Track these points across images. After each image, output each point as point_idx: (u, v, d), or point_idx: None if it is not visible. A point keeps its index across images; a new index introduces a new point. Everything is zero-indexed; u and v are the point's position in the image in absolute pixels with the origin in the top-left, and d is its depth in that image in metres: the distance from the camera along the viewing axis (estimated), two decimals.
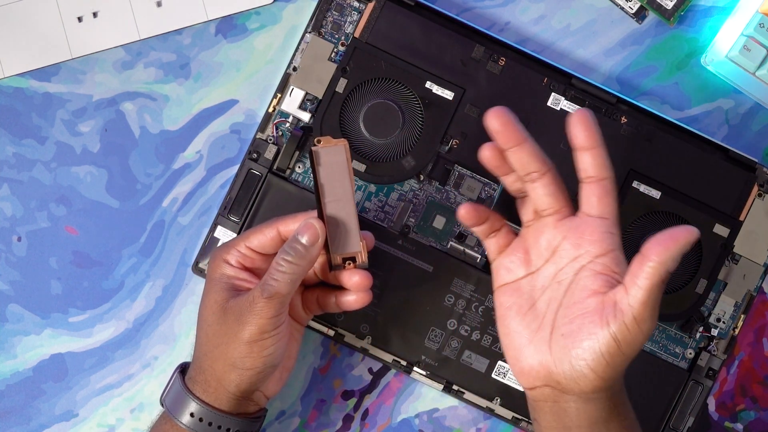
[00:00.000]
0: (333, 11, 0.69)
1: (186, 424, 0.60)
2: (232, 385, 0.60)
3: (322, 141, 0.60)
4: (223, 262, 0.61)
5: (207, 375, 0.60)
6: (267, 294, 0.58)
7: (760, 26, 0.67)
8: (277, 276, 0.58)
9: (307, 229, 0.59)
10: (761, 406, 0.71)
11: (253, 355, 0.59)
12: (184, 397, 0.60)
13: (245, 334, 0.58)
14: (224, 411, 0.60)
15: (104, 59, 0.70)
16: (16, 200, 0.70)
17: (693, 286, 0.69)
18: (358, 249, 0.60)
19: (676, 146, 0.69)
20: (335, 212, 0.60)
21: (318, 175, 0.60)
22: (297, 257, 0.58)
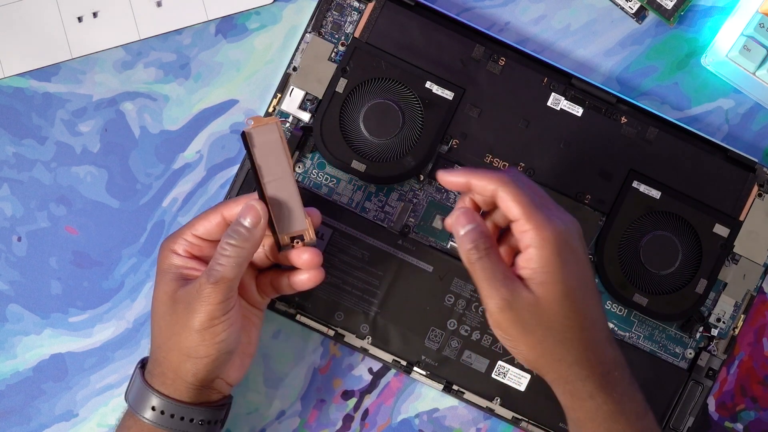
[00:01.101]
0: (333, 11, 0.69)
1: (149, 419, 0.60)
2: (188, 375, 0.59)
3: (253, 121, 0.59)
4: (170, 252, 0.61)
5: (163, 367, 0.60)
6: (213, 279, 0.57)
7: (760, 26, 0.67)
8: (222, 261, 0.58)
9: (248, 210, 0.58)
10: (761, 406, 0.71)
11: (206, 343, 0.58)
12: (144, 392, 0.60)
13: (195, 322, 0.58)
14: (185, 402, 0.60)
15: (104, 59, 0.70)
16: (16, 200, 0.70)
17: (693, 286, 0.69)
18: (304, 227, 0.60)
19: (676, 146, 0.69)
20: (276, 192, 0.59)
21: (254, 156, 0.59)
22: (240, 240, 0.58)
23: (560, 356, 0.56)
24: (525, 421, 0.69)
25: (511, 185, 0.56)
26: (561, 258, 0.55)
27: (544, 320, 0.55)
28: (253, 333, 0.64)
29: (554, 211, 0.57)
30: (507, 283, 0.55)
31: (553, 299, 0.55)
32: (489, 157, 0.69)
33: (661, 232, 0.69)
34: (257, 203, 0.59)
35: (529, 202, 0.55)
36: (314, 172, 0.69)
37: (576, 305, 0.55)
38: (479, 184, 0.57)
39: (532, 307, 0.55)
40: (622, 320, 0.69)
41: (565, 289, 0.55)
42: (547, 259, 0.55)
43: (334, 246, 0.68)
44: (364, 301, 0.68)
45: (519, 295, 0.55)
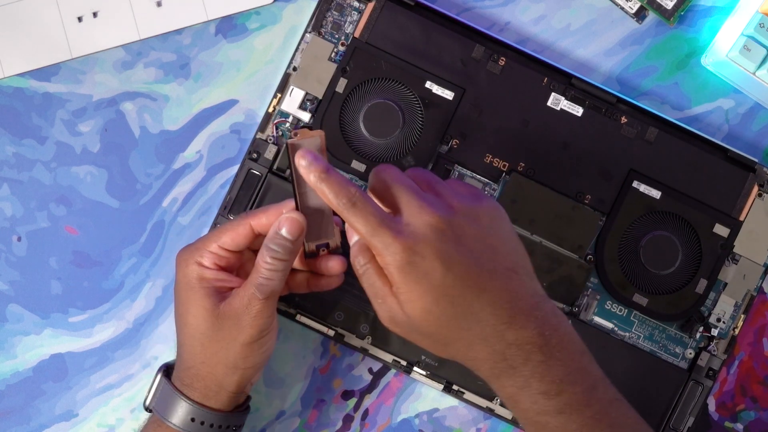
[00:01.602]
0: (333, 11, 0.69)
1: (181, 426, 0.60)
2: (233, 386, 0.60)
3: (299, 134, 0.59)
4: (197, 266, 0.60)
5: (207, 381, 0.60)
6: (264, 294, 0.58)
7: (760, 26, 0.67)
8: (268, 275, 0.58)
9: (290, 223, 0.58)
10: (761, 406, 0.71)
11: (254, 354, 0.59)
12: (176, 401, 0.60)
13: (246, 336, 0.58)
14: (223, 410, 0.61)
15: (104, 59, 0.70)
16: (16, 200, 0.70)
17: (693, 286, 0.69)
18: (332, 235, 0.61)
19: (676, 146, 0.69)
20: (311, 202, 0.60)
21: (294, 167, 0.59)
22: (284, 252, 0.58)
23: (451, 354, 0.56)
24: None
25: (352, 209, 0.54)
26: (410, 276, 0.53)
27: (422, 332, 0.55)
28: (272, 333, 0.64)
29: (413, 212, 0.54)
30: (386, 300, 0.55)
31: (419, 314, 0.54)
32: (489, 157, 0.69)
33: (661, 232, 0.69)
34: (298, 215, 0.59)
35: (371, 227, 0.53)
36: None
37: (444, 315, 0.54)
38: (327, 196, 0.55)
39: (407, 322, 0.55)
40: (622, 320, 0.69)
41: (424, 304, 0.53)
42: (399, 280, 0.53)
43: None
44: (364, 301, 0.68)
45: (394, 312, 0.55)
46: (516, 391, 0.55)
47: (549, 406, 0.54)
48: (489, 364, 0.55)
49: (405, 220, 0.54)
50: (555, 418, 0.54)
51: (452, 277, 0.53)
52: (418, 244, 0.53)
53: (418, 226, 0.54)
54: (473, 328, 0.54)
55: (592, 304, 0.69)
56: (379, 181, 0.57)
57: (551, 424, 0.54)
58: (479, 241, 0.55)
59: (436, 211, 0.54)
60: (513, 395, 0.55)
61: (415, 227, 0.54)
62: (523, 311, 0.54)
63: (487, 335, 0.54)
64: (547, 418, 0.54)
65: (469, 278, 0.54)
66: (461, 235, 0.54)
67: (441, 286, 0.53)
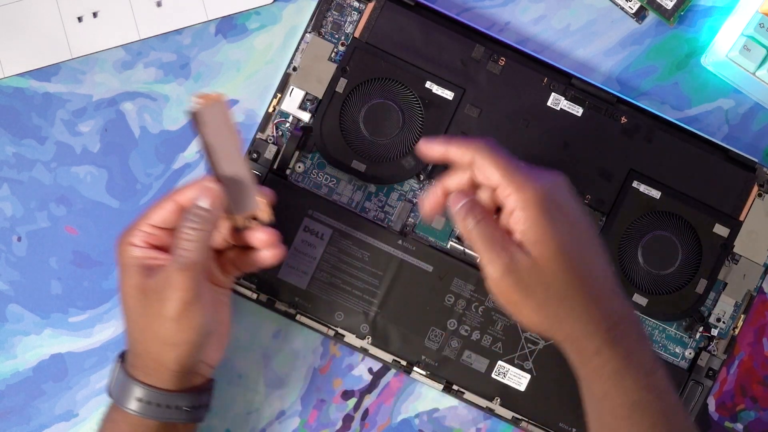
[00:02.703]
0: (333, 11, 0.69)
1: (135, 410, 0.60)
2: (171, 363, 0.59)
3: (199, 99, 0.58)
4: (129, 246, 0.60)
5: (144, 358, 0.60)
6: (181, 266, 0.57)
7: (760, 26, 0.67)
8: (186, 246, 0.58)
9: (205, 192, 0.58)
10: (761, 406, 0.71)
11: (184, 329, 0.58)
12: (128, 384, 0.60)
13: (169, 310, 0.58)
14: (170, 390, 0.60)
15: (104, 59, 0.70)
16: (16, 200, 0.70)
17: (693, 286, 0.69)
18: (258, 205, 0.60)
19: (676, 146, 0.69)
20: (228, 171, 0.59)
21: (204, 136, 0.59)
22: (201, 222, 0.58)
23: (564, 314, 0.55)
24: (525, 421, 0.69)
25: (487, 151, 0.56)
26: (548, 215, 0.54)
27: (543, 280, 0.55)
28: (224, 312, 0.64)
29: (535, 171, 0.56)
30: (505, 247, 0.55)
31: (549, 257, 0.54)
32: None
33: (661, 232, 0.69)
34: (213, 183, 0.59)
35: (507, 165, 0.55)
36: (314, 172, 0.69)
37: (572, 260, 0.55)
38: (457, 153, 0.57)
39: (530, 269, 0.55)
40: None
41: (558, 244, 0.54)
42: (534, 218, 0.54)
43: (334, 246, 0.68)
44: (364, 301, 0.68)
45: (516, 258, 0.55)
46: (621, 363, 0.55)
47: (649, 383, 0.56)
48: (603, 328, 0.55)
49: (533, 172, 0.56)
50: (651, 398, 0.55)
51: (582, 227, 0.56)
52: (554, 187, 0.56)
53: (549, 176, 0.56)
54: (595, 285, 0.55)
55: None
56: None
57: (648, 403, 0.55)
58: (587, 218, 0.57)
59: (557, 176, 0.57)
60: (618, 369, 0.55)
61: (547, 176, 0.56)
62: (622, 291, 0.57)
63: (602, 298, 0.55)
64: (645, 396, 0.55)
65: (591, 236, 0.56)
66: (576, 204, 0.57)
67: (573, 232, 0.55)
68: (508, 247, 0.55)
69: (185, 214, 0.58)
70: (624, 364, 0.55)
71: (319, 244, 0.68)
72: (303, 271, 0.68)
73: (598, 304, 0.55)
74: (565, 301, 0.55)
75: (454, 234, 0.69)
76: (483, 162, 0.56)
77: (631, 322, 0.56)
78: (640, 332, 0.57)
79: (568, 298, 0.55)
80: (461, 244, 0.69)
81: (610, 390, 0.56)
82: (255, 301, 0.68)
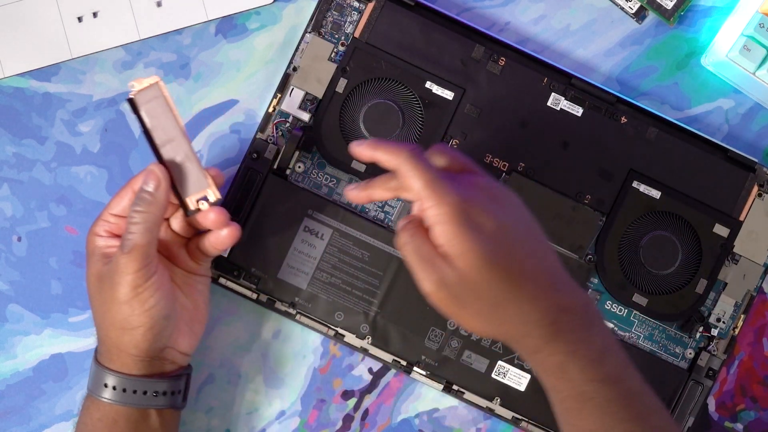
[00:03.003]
0: (333, 11, 0.69)
1: (107, 398, 0.60)
2: (130, 347, 0.60)
3: (135, 85, 0.59)
4: (94, 236, 0.62)
5: (107, 345, 0.61)
6: (126, 249, 0.58)
7: (760, 26, 0.67)
8: (132, 229, 0.58)
9: (148, 175, 0.59)
10: (761, 406, 0.71)
11: (136, 313, 0.59)
12: (98, 372, 0.61)
13: (120, 294, 0.59)
14: (135, 375, 0.61)
15: (104, 59, 0.70)
16: (16, 200, 0.70)
17: (693, 286, 0.69)
18: (206, 186, 0.60)
19: (676, 146, 0.69)
20: (172, 154, 0.60)
21: (143, 122, 0.59)
22: (145, 205, 0.59)
23: (500, 319, 0.55)
24: (525, 421, 0.69)
25: (410, 160, 0.55)
26: (466, 227, 0.54)
27: (473, 291, 0.55)
28: (199, 299, 0.65)
29: (456, 180, 0.55)
30: (433, 262, 0.55)
31: (473, 269, 0.54)
32: (489, 157, 0.69)
33: (661, 232, 0.69)
34: (156, 166, 0.59)
35: (427, 176, 0.54)
36: (314, 172, 0.69)
37: (498, 267, 0.54)
38: (382, 158, 0.56)
39: (458, 282, 0.54)
40: (622, 320, 0.69)
41: (480, 255, 0.54)
42: (453, 232, 0.54)
43: (334, 246, 0.68)
44: (364, 301, 0.68)
45: (444, 273, 0.54)
46: (564, 358, 0.55)
47: (595, 374, 0.55)
48: (540, 326, 0.55)
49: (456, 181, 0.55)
50: (601, 387, 0.55)
51: (504, 232, 0.55)
52: (471, 198, 0.55)
53: (468, 186, 0.55)
54: (526, 286, 0.55)
55: None
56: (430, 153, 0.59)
57: (597, 393, 0.55)
58: (519, 214, 0.57)
59: (482, 178, 0.57)
60: (561, 363, 0.55)
61: (466, 186, 0.55)
62: (566, 280, 0.56)
63: (537, 296, 0.55)
64: (593, 387, 0.55)
65: (517, 238, 0.55)
66: (504, 204, 0.56)
67: (494, 239, 0.54)
68: (436, 263, 0.54)
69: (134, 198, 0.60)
70: (568, 358, 0.55)
71: (319, 244, 0.68)
72: (303, 271, 0.68)
73: (533, 303, 0.55)
74: (498, 308, 0.55)
75: None
76: (405, 171, 0.55)
77: (575, 313, 0.55)
78: (589, 321, 0.56)
79: (500, 304, 0.55)
80: None
81: (557, 384, 0.56)
82: (255, 301, 0.68)
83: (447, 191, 0.54)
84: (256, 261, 0.68)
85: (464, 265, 0.54)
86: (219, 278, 0.68)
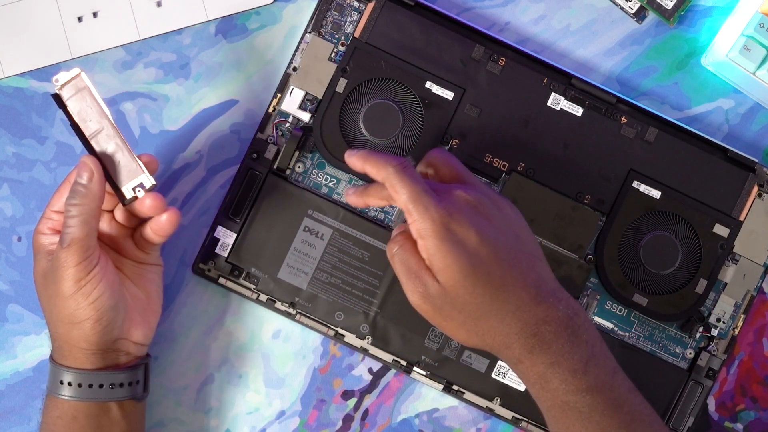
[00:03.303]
0: (333, 11, 0.69)
1: (65, 395, 0.61)
2: (80, 342, 0.60)
3: (58, 79, 0.59)
4: (39, 235, 0.62)
5: (58, 342, 0.61)
6: (65, 243, 0.58)
7: (760, 26, 0.67)
8: (69, 222, 0.59)
9: (80, 167, 0.59)
10: (761, 406, 0.71)
11: (81, 306, 0.59)
12: (54, 370, 0.61)
13: (64, 288, 0.59)
14: (89, 369, 0.61)
15: (104, 59, 0.70)
16: (16, 200, 0.70)
17: (693, 286, 0.69)
18: (139, 172, 0.60)
19: (676, 146, 0.69)
20: (103, 145, 0.60)
21: (71, 115, 0.60)
22: (80, 197, 0.59)
23: (482, 331, 0.56)
24: (525, 421, 0.69)
25: (397, 173, 0.56)
26: (448, 242, 0.54)
27: (456, 304, 0.55)
28: (151, 288, 0.65)
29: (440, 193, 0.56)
30: (419, 275, 0.56)
31: (456, 283, 0.55)
32: (489, 157, 0.69)
33: (661, 232, 0.69)
34: (88, 158, 0.60)
35: (413, 190, 0.55)
36: (314, 172, 0.69)
37: (479, 281, 0.55)
38: (372, 170, 0.57)
39: (442, 295, 0.55)
40: (622, 320, 0.69)
41: (462, 269, 0.55)
42: (436, 246, 0.55)
43: (334, 246, 0.68)
44: (364, 301, 0.68)
45: (429, 285, 0.55)
46: (546, 369, 0.56)
47: (577, 385, 0.55)
48: (521, 338, 0.56)
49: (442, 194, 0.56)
50: (583, 398, 0.55)
51: (486, 247, 0.55)
52: (454, 213, 0.55)
53: (453, 200, 0.56)
54: (508, 299, 0.55)
55: (592, 304, 0.69)
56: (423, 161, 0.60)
57: (579, 403, 0.56)
58: (505, 226, 0.57)
59: (468, 191, 0.57)
60: (543, 374, 0.56)
61: (451, 200, 0.56)
62: (550, 292, 0.56)
63: (519, 309, 0.56)
64: (575, 397, 0.55)
65: (500, 252, 0.56)
66: (490, 216, 0.57)
67: (476, 254, 0.55)
68: (421, 275, 0.56)
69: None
70: (549, 369, 0.56)
71: (319, 244, 0.68)
72: (303, 271, 0.68)
73: (514, 315, 0.56)
74: (480, 321, 0.56)
75: None
76: (392, 185, 0.56)
77: (558, 324, 0.56)
78: (573, 332, 0.56)
79: (482, 317, 0.56)
80: None
81: (539, 393, 0.57)
82: (255, 301, 0.68)
83: (431, 205, 0.55)
84: (256, 261, 0.68)
85: (446, 279, 0.55)
86: (219, 278, 0.68)
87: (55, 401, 0.61)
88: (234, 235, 0.68)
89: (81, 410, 0.61)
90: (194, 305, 0.69)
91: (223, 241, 0.68)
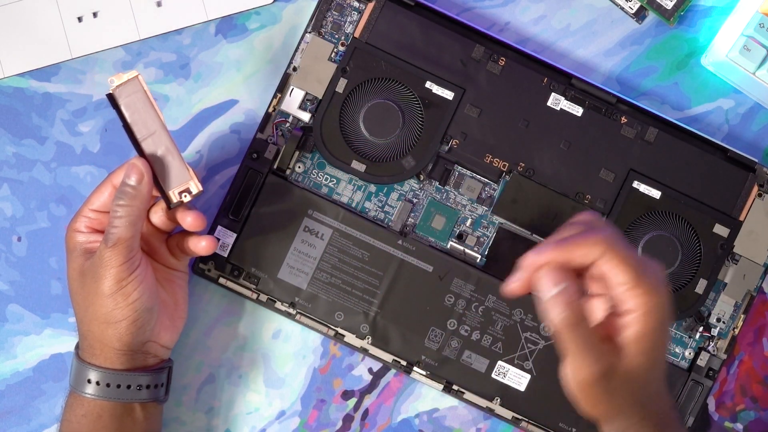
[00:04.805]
0: (333, 11, 0.69)
1: (90, 393, 0.61)
2: (114, 341, 0.60)
3: (114, 80, 0.60)
4: (74, 233, 0.62)
5: (90, 340, 0.61)
6: (110, 243, 0.59)
7: (760, 26, 0.67)
8: (115, 223, 0.59)
9: (130, 169, 0.60)
10: (761, 406, 0.71)
11: (120, 306, 0.59)
12: (80, 368, 0.61)
13: (104, 287, 0.59)
14: (118, 369, 0.61)
15: (104, 59, 0.70)
16: (16, 200, 0.70)
17: (693, 286, 0.69)
18: (188, 177, 0.61)
19: (676, 146, 0.69)
20: (153, 148, 0.60)
21: (124, 116, 0.60)
22: (128, 199, 0.59)
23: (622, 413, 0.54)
24: (525, 421, 0.69)
25: (616, 248, 0.52)
26: (663, 327, 0.53)
27: (631, 389, 0.53)
28: (179, 294, 0.65)
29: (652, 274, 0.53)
30: (603, 354, 0.52)
31: (645, 368, 0.53)
32: (489, 157, 0.69)
33: (661, 232, 0.69)
34: (138, 160, 0.60)
35: (636, 266, 0.52)
36: (314, 172, 0.69)
37: (658, 370, 0.54)
38: (579, 254, 0.52)
39: (623, 379, 0.53)
40: None
41: (656, 357, 0.53)
42: (653, 327, 0.52)
43: (334, 246, 0.68)
44: (364, 301, 0.68)
45: (615, 367, 0.52)
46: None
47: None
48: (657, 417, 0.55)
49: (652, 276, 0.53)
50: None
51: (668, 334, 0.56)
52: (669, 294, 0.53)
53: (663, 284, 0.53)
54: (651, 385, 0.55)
55: None
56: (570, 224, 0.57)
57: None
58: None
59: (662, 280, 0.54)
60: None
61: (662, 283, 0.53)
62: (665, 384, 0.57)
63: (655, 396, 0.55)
64: None
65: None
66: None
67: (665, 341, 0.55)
68: (606, 355, 0.52)
69: (116, 192, 0.60)
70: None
71: (319, 244, 0.68)
72: (303, 271, 0.68)
73: (651, 404, 0.55)
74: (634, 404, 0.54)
75: (454, 234, 0.69)
76: (612, 260, 0.51)
77: (672, 418, 0.56)
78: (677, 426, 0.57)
79: (637, 403, 0.54)
80: (461, 244, 0.69)
81: None
82: (255, 301, 0.68)
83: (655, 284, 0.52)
84: (256, 261, 0.68)
85: (641, 363, 0.53)
86: (219, 278, 0.68)
87: (80, 399, 0.61)
88: (234, 235, 0.68)
89: (106, 410, 0.61)
90: (194, 305, 0.69)
91: (223, 241, 0.68)
